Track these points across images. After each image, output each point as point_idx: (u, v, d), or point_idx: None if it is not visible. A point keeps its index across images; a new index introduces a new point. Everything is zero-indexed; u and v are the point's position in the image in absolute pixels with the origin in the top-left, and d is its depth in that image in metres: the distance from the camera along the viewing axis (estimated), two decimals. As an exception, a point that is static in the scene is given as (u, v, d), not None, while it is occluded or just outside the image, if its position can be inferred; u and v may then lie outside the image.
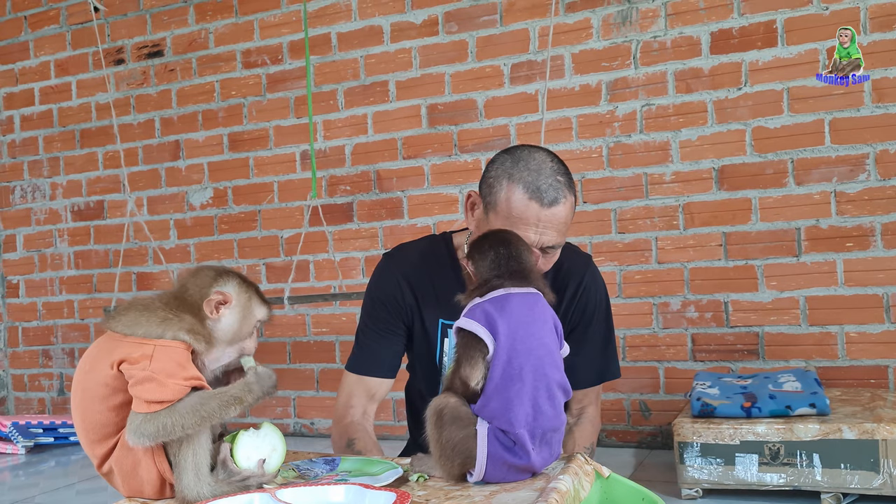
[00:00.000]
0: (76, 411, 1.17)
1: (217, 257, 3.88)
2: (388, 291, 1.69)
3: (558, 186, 1.46)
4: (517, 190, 1.45)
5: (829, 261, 2.89)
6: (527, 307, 1.20)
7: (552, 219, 1.44)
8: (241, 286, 1.22)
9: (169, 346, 1.11)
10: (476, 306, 1.20)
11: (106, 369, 1.12)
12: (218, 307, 1.18)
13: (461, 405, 1.16)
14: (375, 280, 1.74)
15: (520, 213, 1.44)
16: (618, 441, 3.14)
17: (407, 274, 1.68)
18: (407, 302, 1.67)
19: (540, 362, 1.16)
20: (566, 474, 1.15)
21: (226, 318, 1.19)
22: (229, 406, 1.11)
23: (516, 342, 1.15)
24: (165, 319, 1.13)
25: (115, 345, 1.13)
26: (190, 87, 3.92)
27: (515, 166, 1.48)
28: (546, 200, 1.44)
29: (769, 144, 2.96)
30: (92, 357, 1.17)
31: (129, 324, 1.14)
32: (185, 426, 1.09)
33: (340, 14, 3.62)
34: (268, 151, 3.78)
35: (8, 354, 4.42)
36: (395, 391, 3.47)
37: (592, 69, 3.20)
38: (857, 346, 2.85)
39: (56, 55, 4.24)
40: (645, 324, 3.13)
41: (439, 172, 3.46)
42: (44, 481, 3.14)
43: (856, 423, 2.20)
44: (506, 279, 1.23)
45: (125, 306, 1.18)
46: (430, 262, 1.67)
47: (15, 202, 4.37)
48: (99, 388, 1.13)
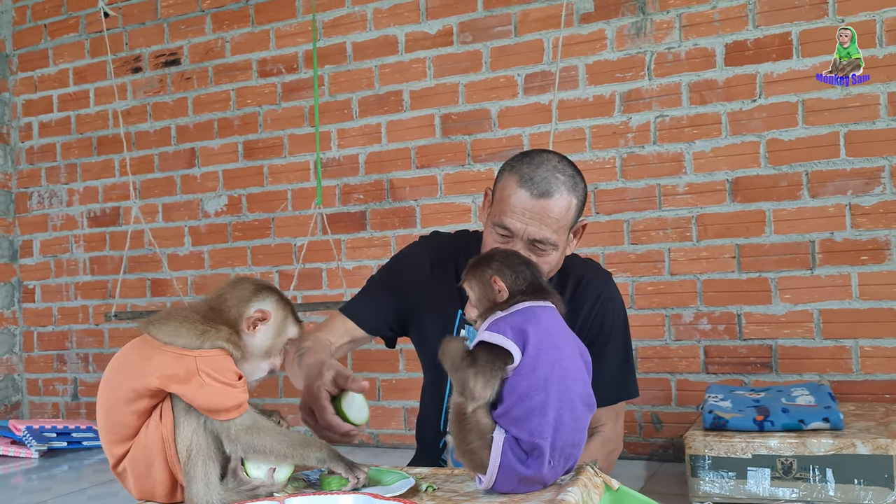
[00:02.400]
0: (101, 409, 1.18)
1: (230, 264, 3.91)
2: (411, 265, 1.70)
3: (554, 182, 1.46)
4: (513, 179, 1.48)
5: (843, 274, 2.87)
6: (551, 320, 1.21)
7: (540, 210, 1.44)
8: (279, 304, 1.23)
9: (209, 356, 1.12)
10: (500, 320, 1.20)
11: (140, 377, 1.12)
12: (255, 323, 1.19)
13: (483, 412, 1.16)
14: (406, 251, 1.76)
15: (509, 200, 1.46)
16: (629, 453, 3.13)
17: (435, 261, 1.69)
18: (422, 285, 1.67)
19: (564, 374, 1.16)
20: (575, 486, 1.15)
21: (261, 335, 1.20)
22: (310, 451, 1.16)
23: (542, 352, 1.15)
24: (204, 332, 1.14)
25: (153, 352, 1.13)
26: (206, 95, 3.96)
27: (521, 161, 1.51)
28: (536, 191, 1.44)
29: (783, 156, 2.95)
30: (126, 358, 1.17)
31: (169, 333, 1.14)
32: (273, 451, 1.14)
33: (356, 24, 3.64)
34: (282, 159, 3.80)
35: (23, 359, 4.46)
36: (408, 400, 3.48)
37: (606, 80, 3.20)
38: (872, 361, 2.83)
39: (75, 63, 4.29)
40: (657, 335, 3.12)
41: (452, 182, 3.47)
42: (56, 485, 3.16)
43: (870, 439, 2.18)
44: (529, 294, 1.23)
45: (165, 314, 1.18)
46: (458, 255, 1.68)
47: (32, 208, 4.42)
48: (128, 392, 1.13)
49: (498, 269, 1.26)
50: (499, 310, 1.22)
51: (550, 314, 1.22)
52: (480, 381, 1.13)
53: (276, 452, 1.13)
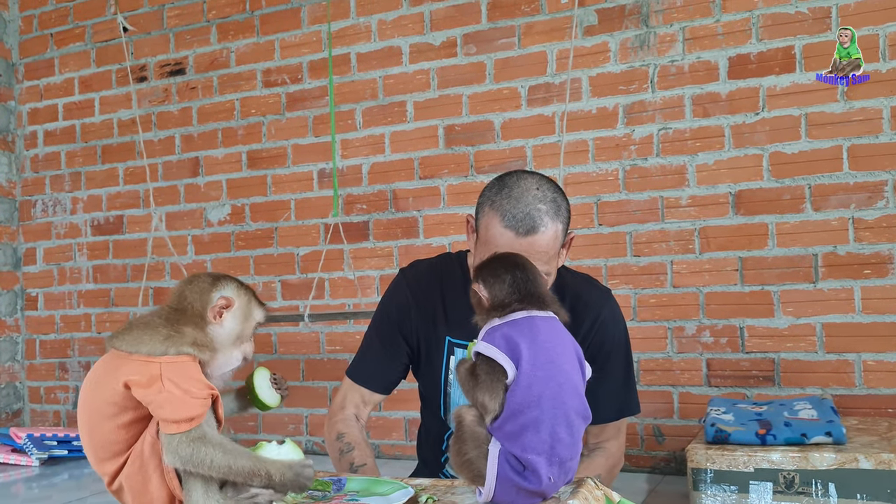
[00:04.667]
0: (83, 430, 1.18)
1: (233, 273, 3.87)
2: (398, 307, 1.71)
3: (537, 215, 1.43)
4: (496, 218, 1.45)
5: (846, 288, 2.86)
6: (549, 332, 1.20)
7: (528, 247, 1.42)
8: (240, 289, 1.25)
9: (175, 362, 1.12)
10: (495, 330, 1.19)
11: (112, 387, 1.12)
12: (221, 312, 1.20)
13: (478, 422, 1.17)
14: (388, 294, 1.76)
15: (497, 242, 1.44)
16: (631, 466, 3.12)
17: (417, 291, 1.69)
18: (414, 319, 1.68)
19: (559, 389, 1.16)
20: (576, 499, 1.15)
21: (228, 322, 1.21)
22: (257, 476, 1.11)
23: (536, 368, 1.15)
24: (168, 336, 1.14)
25: (120, 363, 1.14)
26: (210, 105, 3.97)
27: (499, 193, 1.47)
28: (522, 230, 1.42)
29: (786, 170, 2.95)
30: (97, 376, 1.17)
31: (132, 342, 1.14)
32: (214, 466, 1.08)
33: (360, 35, 3.66)
34: (285, 169, 3.81)
35: (25, 367, 4.46)
36: (409, 410, 3.48)
37: (609, 92, 3.21)
38: (875, 375, 2.82)
39: (80, 72, 4.31)
40: (659, 348, 3.11)
41: (455, 193, 3.48)
42: (56, 494, 3.15)
43: (873, 453, 2.17)
44: (526, 302, 1.22)
45: (127, 325, 1.19)
46: (442, 279, 1.68)
47: (36, 216, 4.43)
48: (106, 407, 1.13)
49: (482, 278, 1.26)
50: (496, 316, 1.22)
51: (550, 325, 1.22)
52: (487, 395, 1.15)
53: (219, 469, 1.09)
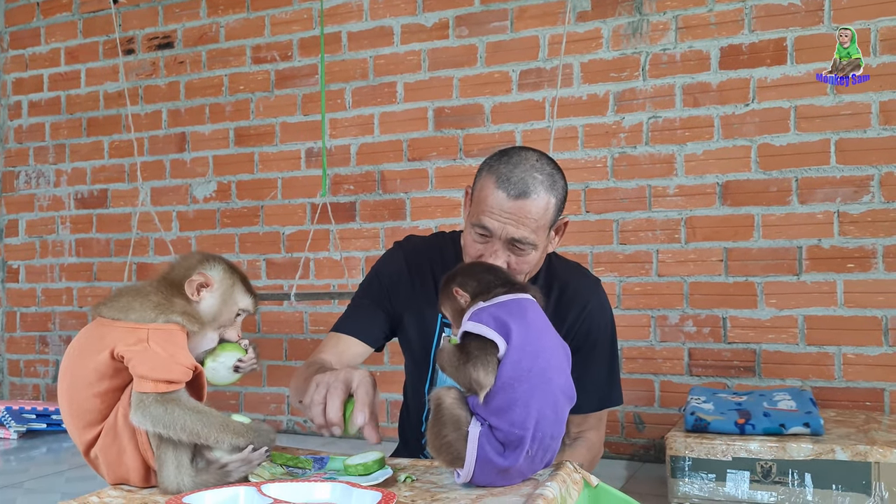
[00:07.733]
0: (63, 397, 1.17)
1: (218, 251, 3.88)
2: (391, 275, 1.71)
3: (532, 181, 1.45)
4: (490, 179, 1.48)
5: (829, 281, 2.88)
6: (535, 312, 1.22)
7: (517, 210, 1.44)
8: (227, 272, 1.22)
9: (164, 329, 1.11)
10: (482, 311, 1.20)
11: (96, 355, 1.11)
12: (199, 289, 1.18)
13: (458, 405, 1.17)
14: (382, 261, 1.76)
15: (487, 200, 1.46)
16: (611, 453, 3.13)
17: (412, 264, 1.69)
18: (405, 291, 1.68)
19: (547, 366, 1.17)
20: (554, 481, 1.15)
21: (206, 301, 1.19)
22: (226, 436, 1.10)
23: (526, 343, 1.16)
24: (158, 304, 1.13)
25: (106, 331, 1.12)
26: (198, 80, 3.93)
27: (499, 160, 1.50)
28: (514, 192, 1.44)
29: (774, 162, 2.96)
30: (81, 343, 1.16)
31: (121, 308, 1.13)
32: (185, 428, 1.07)
33: (352, 13, 3.62)
34: (273, 147, 3.78)
35: (5, 339, 4.43)
36: (392, 392, 3.48)
37: (601, 79, 3.20)
38: (854, 368, 2.84)
39: (67, 43, 4.25)
40: (642, 336, 3.12)
41: (443, 176, 3.46)
42: (34, 467, 3.14)
43: (849, 445, 2.20)
44: (508, 287, 1.24)
45: (116, 293, 1.17)
46: (435, 257, 1.68)
47: (19, 188, 4.38)
48: (88, 374, 1.12)
49: (460, 282, 1.28)
50: (481, 300, 1.22)
51: (534, 306, 1.23)
52: (481, 370, 1.14)
53: (189, 430, 1.08)
